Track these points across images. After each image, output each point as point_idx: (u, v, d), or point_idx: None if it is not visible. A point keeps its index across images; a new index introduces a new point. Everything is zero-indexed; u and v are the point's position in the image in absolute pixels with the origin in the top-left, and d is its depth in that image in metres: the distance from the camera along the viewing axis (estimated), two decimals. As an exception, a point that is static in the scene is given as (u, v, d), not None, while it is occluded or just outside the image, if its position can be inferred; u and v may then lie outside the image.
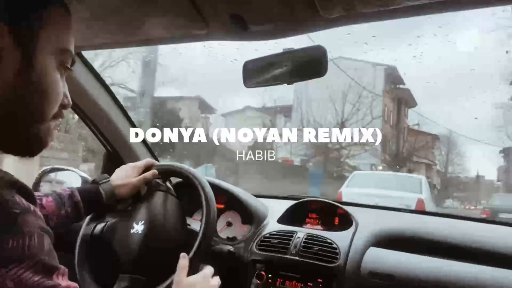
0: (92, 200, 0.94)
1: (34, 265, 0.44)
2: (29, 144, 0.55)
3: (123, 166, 1.04)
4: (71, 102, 0.59)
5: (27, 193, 0.47)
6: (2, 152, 0.53)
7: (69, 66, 0.58)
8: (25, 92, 0.51)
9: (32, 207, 0.46)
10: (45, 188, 1.28)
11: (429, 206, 6.30)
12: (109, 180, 0.98)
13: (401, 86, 22.40)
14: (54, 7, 0.55)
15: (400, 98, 23.64)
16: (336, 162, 18.26)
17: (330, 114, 16.20)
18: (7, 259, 0.42)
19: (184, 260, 0.82)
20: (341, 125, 16.53)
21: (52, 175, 1.31)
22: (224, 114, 18.65)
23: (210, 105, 18.10)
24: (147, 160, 1.08)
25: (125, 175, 1.00)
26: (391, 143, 23.06)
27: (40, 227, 0.46)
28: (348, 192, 6.71)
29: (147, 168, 1.04)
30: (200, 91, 17.65)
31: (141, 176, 1.01)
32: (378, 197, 5.26)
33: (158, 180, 1.05)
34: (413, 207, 5.48)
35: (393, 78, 19.97)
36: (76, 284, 0.49)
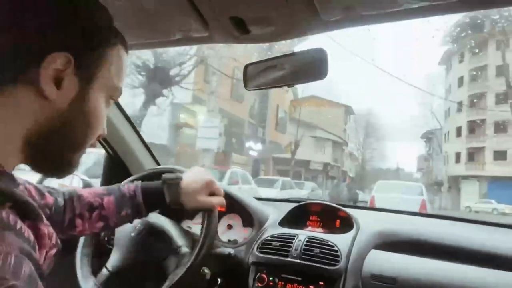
0: (154, 202, 0.89)
1: None
2: (60, 168, 0.55)
3: (202, 174, 0.93)
4: (106, 132, 0.60)
5: (23, 209, 0.44)
6: (32, 170, 0.53)
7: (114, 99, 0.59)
8: (74, 121, 0.52)
9: (19, 225, 0.41)
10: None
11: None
12: (179, 183, 0.89)
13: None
14: (118, 46, 0.56)
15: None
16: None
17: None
18: None
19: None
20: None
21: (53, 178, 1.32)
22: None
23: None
24: (223, 188, 0.98)
25: (197, 188, 0.90)
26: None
27: (19, 248, 0.39)
28: (379, 197, 9.61)
29: (214, 191, 0.93)
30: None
31: (210, 201, 0.91)
32: (398, 199, 8.43)
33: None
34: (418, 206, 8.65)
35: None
36: None
